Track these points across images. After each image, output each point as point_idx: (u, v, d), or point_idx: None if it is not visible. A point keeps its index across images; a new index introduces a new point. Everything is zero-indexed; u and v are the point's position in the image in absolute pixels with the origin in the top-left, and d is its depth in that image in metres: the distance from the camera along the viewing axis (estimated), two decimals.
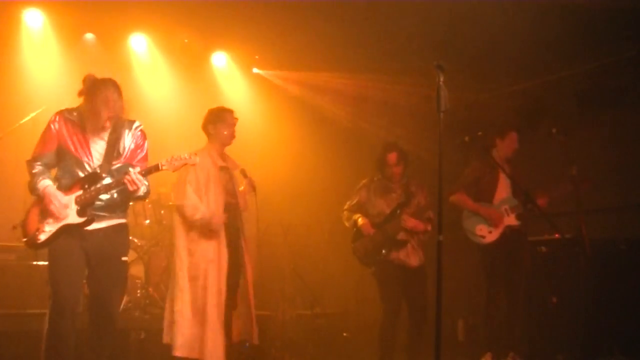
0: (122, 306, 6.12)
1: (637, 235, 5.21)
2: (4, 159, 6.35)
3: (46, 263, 5.62)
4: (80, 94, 3.95)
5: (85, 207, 3.87)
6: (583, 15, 5.72)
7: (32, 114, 6.02)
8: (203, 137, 5.07)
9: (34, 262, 5.83)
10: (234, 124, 5.03)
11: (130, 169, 3.86)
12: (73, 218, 3.87)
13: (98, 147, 3.95)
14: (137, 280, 6.37)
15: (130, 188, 3.82)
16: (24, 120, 5.97)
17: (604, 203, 5.72)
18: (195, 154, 3.98)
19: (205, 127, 5.02)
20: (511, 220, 5.29)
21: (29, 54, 7.32)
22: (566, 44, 6.17)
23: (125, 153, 4.00)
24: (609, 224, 5.66)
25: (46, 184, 3.86)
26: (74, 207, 3.87)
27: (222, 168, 4.93)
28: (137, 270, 6.39)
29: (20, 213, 6.37)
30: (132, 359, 5.49)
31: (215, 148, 4.98)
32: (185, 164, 3.95)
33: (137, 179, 3.81)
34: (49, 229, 3.86)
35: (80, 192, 3.87)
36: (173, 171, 4.00)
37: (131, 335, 5.55)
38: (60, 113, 3.96)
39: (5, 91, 7.03)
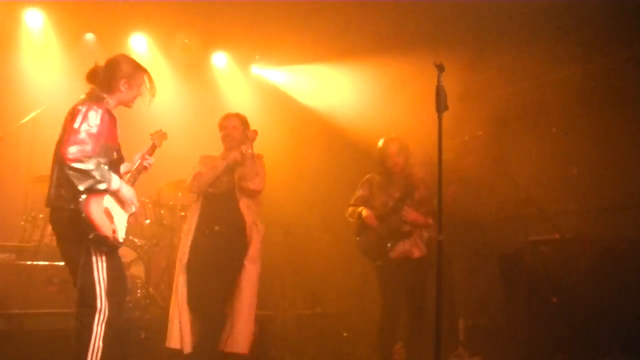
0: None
1: (637, 235, 5.21)
2: (4, 159, 6.36)
3: (47, 263, 5.66)
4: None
5: None
6: (583, 15, 5.72)
7: (32, 114, 6.03)
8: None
9: (34, 262, 5.83)
10: (226, 127, 5.19)
11: (147, 156, 4.05)
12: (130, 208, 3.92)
13: None
14: (137, 280, 6.36)
15: (146, 172, 4.04)
16: (24, 120, 5.98)
17: (604, 203, 5.72)
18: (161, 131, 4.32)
19: None
20: None
21: (29, 54, 7.33)
22: (566, 43, 6.17)
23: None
24: (609, 224, 5.66)
25: (119, 181, 3.76)
26: None
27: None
28: (137, 270, 6.38)
29: (20, 213, 6.42)
30: (132, 359, 5.48)
31: (223, 153, 5.22)
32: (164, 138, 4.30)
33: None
34: (122, 225, 3.78)
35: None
36: (159, 146, 4.24)
37: (131, 335, 5.55)
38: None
39: (5, 91, 7.04)
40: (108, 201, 3.70)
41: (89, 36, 7.63)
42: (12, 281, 5.69)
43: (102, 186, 3.59)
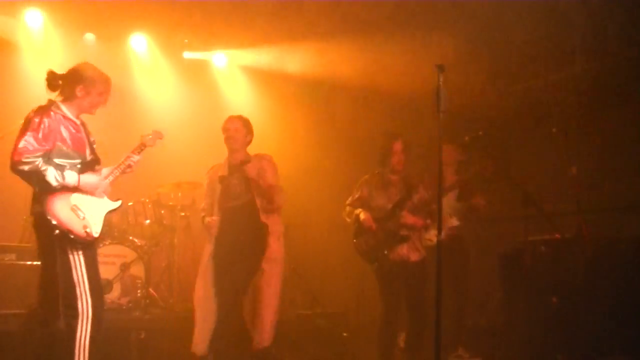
0: (122, 306, 6.16)
1: (637, 235, 5.21)
2: (4, 159, 6.35)
3: None
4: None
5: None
6: (583, 15, 5.72)
7: None
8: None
9: (34, 262, 5.83)
10: (228, 130, 5.20)
11: (132, 154, 4.05)
12: (111, 204, 3.95)
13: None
14: (137, 280, 6.37)
15: (132, 171, 4.05)
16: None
17: (604, 203, 5.71)
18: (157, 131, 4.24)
19: None
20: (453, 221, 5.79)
21: (29, 54, 7.32)
22: (566, 44, 6.17)
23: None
24: (609, 224, 5.65)
25: (76, 175, 3.78)
26: (103, 193, 3.93)
27: (221, 178, 5.14)
28: (137, 270, 6.38)
29: (20, 213, 6.42)
30: (132, 359, 5.49)
31: (228, 156, 5.24)
32: (159, 137, 4.22)
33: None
34: (97, 219, 3.81)
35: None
36: (152, 145, 4.19)
37: (131, 335, 5.55)
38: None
39: (5, 91, 7.03)
40: (77, 198, 3.77)
41: (89, 36, 7.62)
42: (12, 281, 5.69)
43: (54, 182, 3.65)
